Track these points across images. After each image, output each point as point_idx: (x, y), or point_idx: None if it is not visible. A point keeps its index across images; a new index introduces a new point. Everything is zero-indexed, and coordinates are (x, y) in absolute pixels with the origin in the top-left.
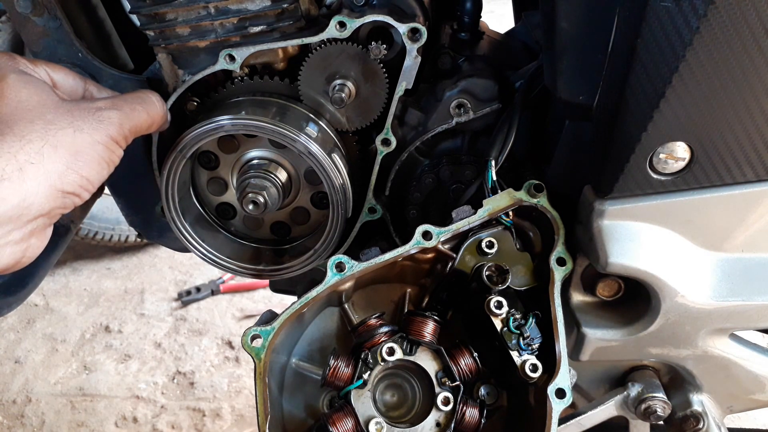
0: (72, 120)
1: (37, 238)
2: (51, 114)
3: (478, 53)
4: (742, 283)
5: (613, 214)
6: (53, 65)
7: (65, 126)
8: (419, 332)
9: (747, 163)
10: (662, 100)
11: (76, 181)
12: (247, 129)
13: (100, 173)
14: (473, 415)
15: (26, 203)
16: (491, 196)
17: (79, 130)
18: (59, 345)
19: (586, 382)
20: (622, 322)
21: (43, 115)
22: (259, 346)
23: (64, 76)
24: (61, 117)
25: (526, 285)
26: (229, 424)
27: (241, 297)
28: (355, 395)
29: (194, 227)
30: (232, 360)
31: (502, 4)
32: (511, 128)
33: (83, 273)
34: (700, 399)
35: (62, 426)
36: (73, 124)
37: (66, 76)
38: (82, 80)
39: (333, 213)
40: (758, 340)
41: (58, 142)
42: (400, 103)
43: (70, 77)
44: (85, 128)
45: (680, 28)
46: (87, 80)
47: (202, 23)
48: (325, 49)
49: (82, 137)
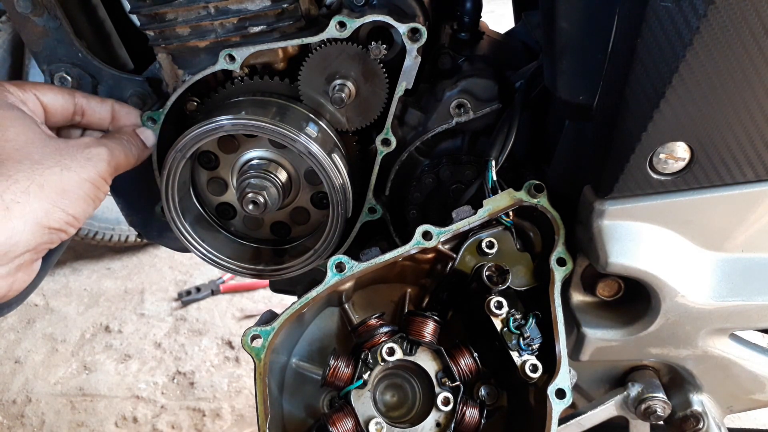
0: (59, 159)
1: (23, 272)
2: (38, 153)
3: (478, 53)
4: (742, 283)
5: (613, 214)
6: (41, 87)
7: (52, 165)
8: (419, 332)
9: (747, 163)
10: (662, 100)
11: (62, 218)
12: (247, 129)
13: (86, 210)
14: (473, 415)
15: (12, 241)
16: (491, 196)
17: (66, 169)
18: (59, 345)
19: (586, 382)
20: (622, 322)
21: (30, 154)
22: (259, 346)
23: (54, 96)
24: (48, 156)
25: (526, 285)
26: (229, 424)
27: (241, 297)
28: (355, 395)
29: (194, 227)
30: (232, 360)
31: (502, 4)
32: (511, 128)
33: (83, 273)
34: (700, 399)
35: (62, 426)
36: (60, 163)
37: (55, 95)
38: (70, 95)
39: (333, 213)
40: (758, 340)
41: (44, 182)
42: (400, 103)
43: (60, 96)
44: (72, 167)
45: (680, 28)
46: (75, 93)
47: (202, 23)
48: (325, 49)
49: (69, 176)
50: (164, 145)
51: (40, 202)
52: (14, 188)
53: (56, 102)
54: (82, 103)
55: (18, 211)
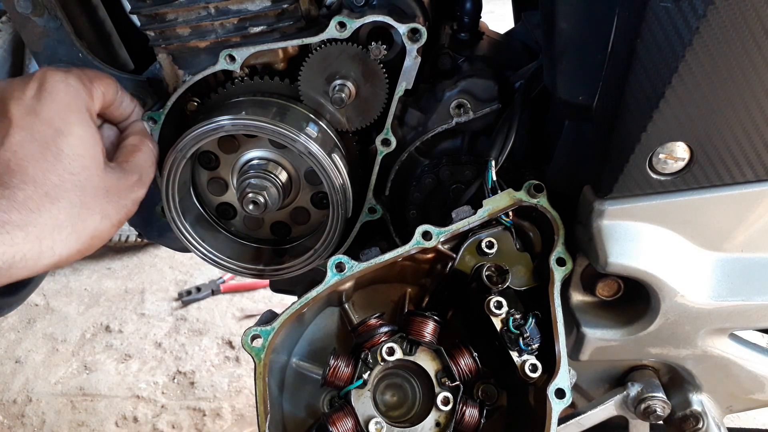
0: (104, 205)
1: None
2: (90, 195)
3: (478, 53)
4: (742, 283)
5: (613, 214)
6: (107, 83)
7: (96, 212)
8: (419, 332)
9: (746, 163)
10: (662, 101)
11: (76, 257)
12: (248, 129)
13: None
14: (473, 415)
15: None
16: (491, 196)
17: (105, 217)
18: (60, 345)
19: (586, 382)
20: (621, 322)
21: (84, 195)
22: (259, 346)
23: (113, 94)
24: (97, 201)
25: (526, 285)
26: (229, 424)
27: (242, 297)
28: (355, 395)
29: (194, 227)
30: (232, 360)
31: (502, 4)
32: (511, 128)
33: (84, 273)
34: (699, 399)
35: (63, 426)
36: (103, 211)
37: (115, 92)
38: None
39: (333, 213)
40: (758, 340)
41: (84, 228)
42: (400, 104)
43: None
44: (111, 214)
45: (680, 28)
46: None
47: (202, 23)
48: (325, 49)
49: (104, 224)
50: (164, 145)
51: (69, 250)
52: (55, 236)
53: (110, 98)
54: (119, 97)
55: (47, 258)
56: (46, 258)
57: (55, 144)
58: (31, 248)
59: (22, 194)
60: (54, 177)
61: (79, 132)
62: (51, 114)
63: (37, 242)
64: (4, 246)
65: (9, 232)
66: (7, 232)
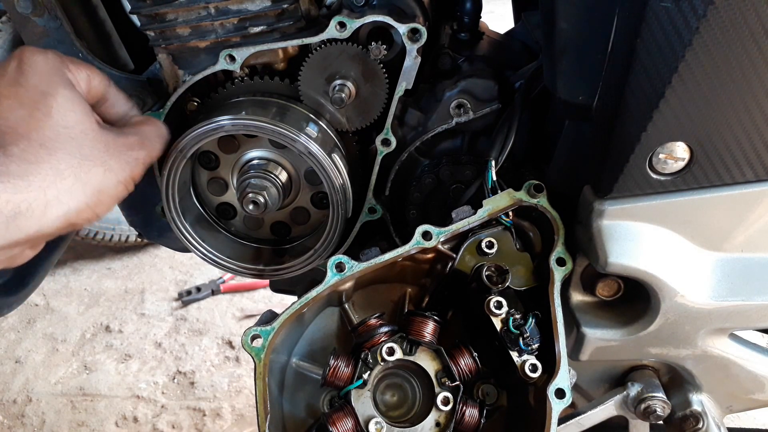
0: (106, 158)
1: (32, 249)
2: (89, 147)
3: (478, 53)
4: (742, 283)
5: (613, 214)
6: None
7: (98, 164)
8: (419, 332)
9: (746, 163)
10: (662, 101)
11: (89, 217)
12: (248, 129)
13: (110, 209)
14: (473, 415)
15: (41, 233)
16: (491, 196)
17: (109, 170)
18: (60, 345)
19: (586, 382)
20: (621, 322)
21: (82, 147)
22: (259, 346)
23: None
24: (97, 153)
25: (526, 285)
26: (229, 424)
27: (242, 297)
28: (355, 395)
29: (194, 227)
30: (232, 360)
31: (502, 4)
32: (511, 128)
33: (84, 273)
34: (699, 399)
35: (63, 426)
36: (105, 163)
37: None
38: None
39: (333, 213)
40: (758, 340)
41: (88, 180)
42: (400, 104)
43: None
44: (114, 167)
45: (680, 28)
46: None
47: (202, 23)
48: (325, 49)
49: (108, 177)
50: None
51: (77, 202)
52: (59, 185)
53: (98, 87)
54: (112, 94)
55: (55, 209)
56: (54, 208)
57: (44, 104)
58: (36, 197)
59: (17, 149)
60: (48, 131)
61: (65, 92)
62: (34, 81)
63: (42, 192)
64: (6, 194)
65: (10, 181)
66: (8, 181)
